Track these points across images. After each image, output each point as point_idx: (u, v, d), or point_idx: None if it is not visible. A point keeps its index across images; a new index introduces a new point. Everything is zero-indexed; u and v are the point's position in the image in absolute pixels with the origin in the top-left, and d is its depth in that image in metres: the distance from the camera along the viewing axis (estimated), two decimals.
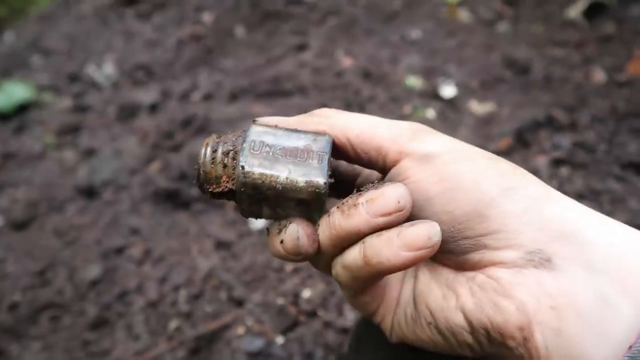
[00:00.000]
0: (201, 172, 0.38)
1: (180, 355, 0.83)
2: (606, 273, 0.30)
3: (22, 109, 1.64)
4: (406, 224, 0.34)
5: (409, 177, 0.35)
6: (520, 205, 0.33)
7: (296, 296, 0.86)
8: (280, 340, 0.80)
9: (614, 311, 0.29)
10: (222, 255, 0.98)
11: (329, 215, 0.37)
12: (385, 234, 0.34)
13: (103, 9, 2.09)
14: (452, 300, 0.36)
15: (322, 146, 0.37)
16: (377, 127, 0.37)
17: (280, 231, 0.38)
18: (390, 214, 0.33)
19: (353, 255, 0.36)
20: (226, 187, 0.37)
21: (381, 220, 0.33)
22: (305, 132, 0.38)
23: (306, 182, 0.36)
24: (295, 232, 0.37)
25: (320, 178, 0.36)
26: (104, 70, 1.73)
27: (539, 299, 0.31)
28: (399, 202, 0.33)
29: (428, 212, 0.35)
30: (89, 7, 2.12)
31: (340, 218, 0.35)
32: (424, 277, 0.39)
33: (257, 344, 0.78)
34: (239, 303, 0.88)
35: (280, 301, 0.85)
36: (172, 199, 1.17)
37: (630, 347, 0.28)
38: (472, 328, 0.34)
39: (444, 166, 0.34)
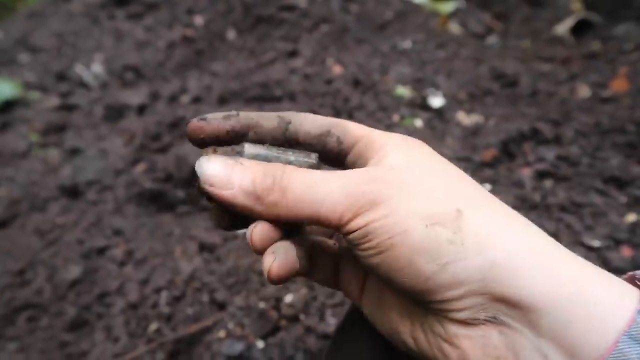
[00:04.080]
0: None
1: (159, 358, 0.82)
2: (551, 339, 0.31)
3: (8, 106, 1.62)
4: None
5: (356, 247, 0.36)
6: (459, 278, 0.32)
7: (278, 300, 0.85)
8: (260, 344, 0.79)
9: None
10: (206, 257, 0.98)
11: None
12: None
13: (93, 8, 2.07)
14: (407, 327, 0.38)
15: (311, 164, 0.39)
16: (319, 211, 0.35)
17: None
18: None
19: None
20: None
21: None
22: (294, 150, 0.40)
23: None
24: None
25: None
26: (93, 70, 1.72)
27: (484, 350, 0.33)
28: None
29: (376, 274, 0.36)
30: (79, 6, 2.11)
31: None
32: (388, 293, 0.40)
33: (237, 347, 0.77)
34: (221, 306, 0.88)
35: (262, 305, 0.85)
36: (156, 201, 1.16)
37: None
38: (422, 354, 0.36)
39: (380, 241, 0.34)
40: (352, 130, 0.41)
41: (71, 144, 1.41)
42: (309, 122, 0.41)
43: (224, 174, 0.36)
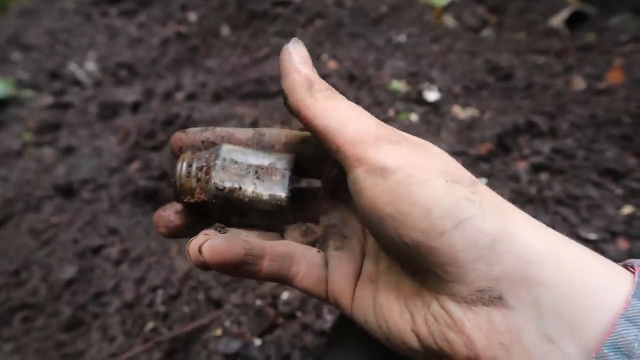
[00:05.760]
0: (177, 184, 0.42)
1: (155, 357, 0.81)
2: (553, 315, 0.30)
3: (1, 105, 1.61)
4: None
5: (364, 190, 0.34)
6: (472, 240, 0.31)
7: (275, 298, 0.85)
8: (257, 342, 0.79)
9: (558, 352, 0.30)
10: None
11: None
12: None
13: (86, 5, 2.06)
14: (408, 323, 0.36)
15: (284, 165, 0.42)
16: (343, 126, 0.35)
17: None
18: None
19: None
20: (199, 198, 0.42)
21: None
22: (271, 152, 0.43)
23: (270, 195, 0.41)
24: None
25: (282, 192, 0.41)
26: (86, 68, 1.70)
27: (488, 336, 0.32)
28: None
29: (381, 230, 0.34)
30: (72, 3, 2.09)
31: None
32: (385, 288, 0.39)
33: (234, 346, 0.77)
34: (217, 304, 0.87)
35: (258, 303, 0.85)
36: (151, 199, 1.15)
37: None
38: (425, 350, 0.35)
39: (397, 187, 0.32)
40: None
41: (65, 142, 1.40)
42: (284, 133, 0.44)
43: (306, 55, 0.38)
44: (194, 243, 0.38)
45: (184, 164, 0.42)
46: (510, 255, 0.31)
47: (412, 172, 0.33)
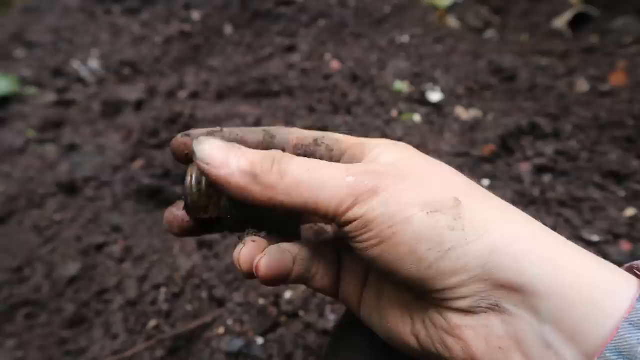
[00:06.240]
0: (189, 201, 0.40)
1: (158, 354, 0.82)
2: (553, 324, 0.31)
3: (4, 102, 1.61)
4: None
5: (351, 240, 0.35)
6: (461, 265, 0.32)
7: (277, 297, 0.85)
8: (260, 341, 0.79)
9: (557, 357, 0.30)
10: (204, 254, 0.98)
11: None
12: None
13: (90, 2, 2.06)
14: (408, 326, 0.37)
15: None
16: (318, 197, 0.34)
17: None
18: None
19: None
20: (214, 214, 0.40)
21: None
22: None
23: None
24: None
25: None
26: (89, 66, 1.70)
27: (487, 340, 0.32)
28: None
29: (375, 267, 0.35)
30: (75, 1, 2.09)
31: None
32: (388, 293, 0.40)
33: (236, 344, 0.77)
34: (220, 303, 0.88)
35: (261, 302, 0.85)
36: (154, 197, 1.15)
37: None
38: (424, 352, 0.36)
39: (381, 230, 0.33)
40: (342, 139, 0.41)
41: (68, 140, 1.40)
42: (295, 135, 0.42)
43: (223, 152, 0.34)
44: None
45: (193, 181, 0.40)
46: (502, 270, 0.32)
47: (393, 214, 0.33)
